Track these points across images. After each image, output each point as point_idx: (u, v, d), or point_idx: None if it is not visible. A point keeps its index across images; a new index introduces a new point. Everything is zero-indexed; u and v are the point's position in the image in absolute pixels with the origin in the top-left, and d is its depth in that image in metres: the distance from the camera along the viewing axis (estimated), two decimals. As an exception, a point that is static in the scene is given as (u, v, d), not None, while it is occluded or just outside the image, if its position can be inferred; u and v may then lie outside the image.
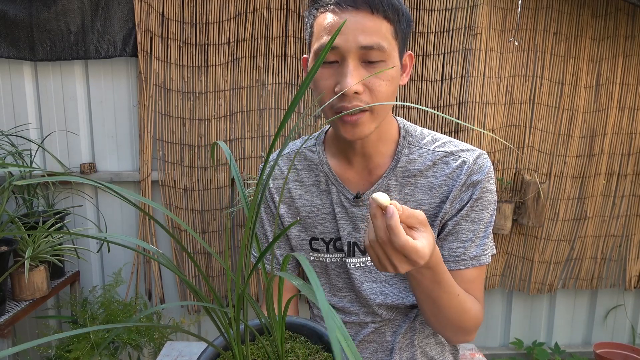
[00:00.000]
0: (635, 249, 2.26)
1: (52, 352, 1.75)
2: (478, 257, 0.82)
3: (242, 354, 0.46)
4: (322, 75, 0.75)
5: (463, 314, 0.77)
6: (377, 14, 0.71)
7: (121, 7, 1.91)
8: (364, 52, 0.71)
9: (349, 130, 0.76)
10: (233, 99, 2.01)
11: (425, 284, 0.72)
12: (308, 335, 0.56)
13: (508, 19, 2.04)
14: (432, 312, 0.78)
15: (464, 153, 0.83)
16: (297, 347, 0.53)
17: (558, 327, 2.40)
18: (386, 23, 0.72)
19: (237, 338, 0.45)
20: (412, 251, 0.59)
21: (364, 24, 0.70)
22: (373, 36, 0.70)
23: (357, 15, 0.70)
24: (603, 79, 2.12)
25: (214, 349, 0.51)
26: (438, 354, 0.93)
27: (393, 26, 0.73)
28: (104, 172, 2.05)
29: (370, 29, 0.70)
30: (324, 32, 0.73)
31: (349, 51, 0.71)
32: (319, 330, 0.56)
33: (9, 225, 1.62)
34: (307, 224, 0.91)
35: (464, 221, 0.82)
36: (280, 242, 0.95)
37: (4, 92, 1.97)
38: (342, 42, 0.71)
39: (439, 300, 0.74)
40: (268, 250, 0.40)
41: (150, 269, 2.08)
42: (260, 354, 0.53)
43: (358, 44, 0.70)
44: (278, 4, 1.94)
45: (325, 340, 0.54)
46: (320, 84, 0.75)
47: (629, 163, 2.18)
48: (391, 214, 0.58)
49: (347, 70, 0.71)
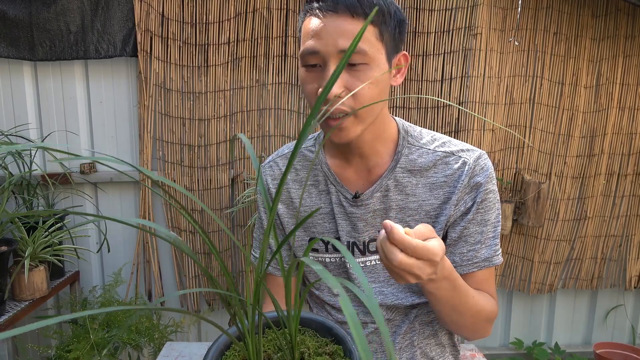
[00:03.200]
0: (635, 249, 2.26)
1: (52, 352, 1.75)
2: (490, 258, 0.83)
3: (255, 345, 0.47)
4: (307, 79, 0.76)
5: (480, 312, 0.79)
6: (358, 17, 0.71)
7: (121, 7, 1.91)
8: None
9: (335, 134, 0.76)
10: (233, 99, 2.01)
11: (444, 295, 0.73)
12: (316, 328, 0.58)
13: (508, 19, 2.04)
14: (451, 319, 0.79)
15: (464, 153, 0.83)
16: (307, 340, 0.55)
17: (558, 327, 2.40)
18: (369, 25, 0.72)
19: (252, 329, 0.46)
20: (425, 251, 0.60)
21: (343, 28, 0.70)
22: (352, 39, 0.71)
23: (337, 20, 0.71)
24: (603, 79, 2.11)
25: (224, 341, 0.53)
26: (438, 355, 0.93)
27: (377, 28, 0.73)
28: (104, 172, 2.05)
29: (350, 32, 0.70)
30: (307, 36, 0.74)
31: (329, 55, 0.71)
32: (328, 324, 0.57)
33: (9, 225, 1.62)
34: (306, 224, 0.91)
35: (471, 225, 0.82)
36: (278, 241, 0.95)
37: (3, 92, 1.97)
38: (322, 46, 0.72)
39: (458, 307, 0.76)
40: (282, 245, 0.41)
41: (150, 269, 2.08)
42: (271, 346, 0.54)
43: (337, 47, 0.71)
44: (278, 4, 1.94)
45: (334, 333, 0.56)
46: (306, 87, 0.77)
47: (629, 163, 2.18)
48: (389, 228, 0.59)
49: (327, 74, 0.72)
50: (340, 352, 0.53)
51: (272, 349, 0.53)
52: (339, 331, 0.55)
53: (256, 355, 0.47)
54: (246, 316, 0.47)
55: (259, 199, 0.99)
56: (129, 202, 2.11)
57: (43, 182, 1.90)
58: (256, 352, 0.47)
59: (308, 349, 0.52)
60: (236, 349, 0.53)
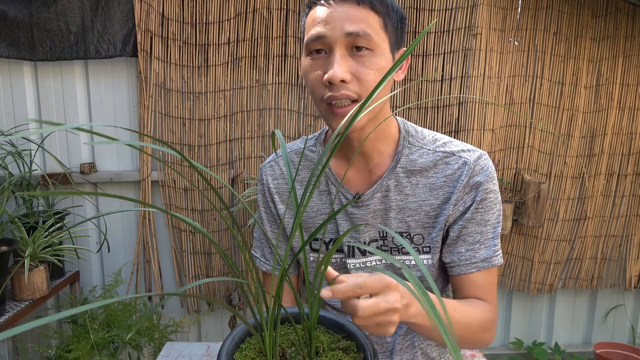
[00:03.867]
0: (635, 249, 2.26)
1: (52, 352, 1.75)
2: (488, 258, 0.82)
3: (272, 338, 0.48)
4: (312, 66, 0.76)
5: (468, 325, 0.77)
6: (364, 5, 0.73)
7: (121, 7, 1.91)
8: (351, 39, 0.72)
9: (340, 122, 0.75)
10: (233, 99, 2.01)
11: (425, 328, 0.69)
12: (328, 326, 0.59)
13: (508, 19, 2.04)
14: (441, 341, 0.79)
15: (465, 153, 0.83)
16: (321, 335, 0.56)
17: (558, 327, 2.40)
18: (373, 14, 0.73)
19: (271, 322, 0.47)
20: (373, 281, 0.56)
21: (350, 13, 0.72)
22: (359, 24, 0.72)
23: (343, 6, 0.73)
24: (603, 79, 2.12)
25: (238, 334, 0.55)
26: (439, 355, 0.93)
27: (382, 18, 0.74)
28: (104, 172, 2.05)
29: (357, 17, 0.72)
30: (313, 24, 0.75)
31: (335, 40, 0.72)
32: (340, 321, 0.58)
33: (9, 225, 1.62)
34: (307, 224, 0.91)
35: (470, 224, 0.81)
36: (280, 242, 0.95)
37: (4, 92, 1.97)
38: (328, 31, 0.72)
39: (456, 333, 0.74)
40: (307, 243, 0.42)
41: (150, 269, 2.08)
42: (285, 340, 0.55)
43: (344, 31, 0.71)
44: (278, 4, 1.94)
45: (346, 329, 0.57)
46: (311, 75, 0.76)
47: (629, 163, 2.18)
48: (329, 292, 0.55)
49: (334, 59, 0.72)
50: (354, 347, 0.54)
51: (286, 343, 0.55)
52: (351, 327, 0.57)
53: (272, 348, 0.48)
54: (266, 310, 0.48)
55: (259, 198, 0.99)
56: (129, 202, 2.11)
57: (43, 182, 1.90)
58: (272, 345, 0.48)
59: (322, 344, 0.54)
60: (251, 342, 0.55)
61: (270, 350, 0.48)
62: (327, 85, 0.73)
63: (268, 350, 0.48)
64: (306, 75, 0.78)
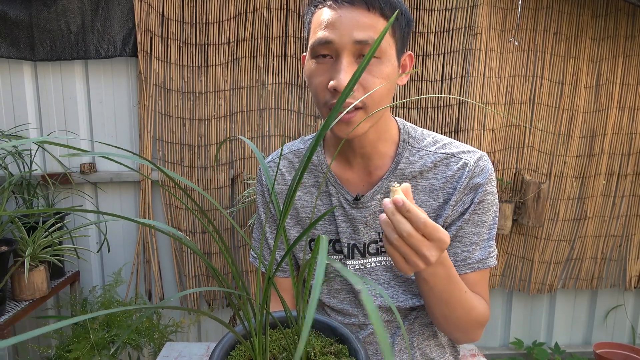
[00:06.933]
0: (635, 249, 2.26)
1: (52, 352, 1.75)
2: (484, 260, 0.82)
3: (261, 345, 0.47)
4: (317, 71, 0.74)
5: (471, 310, 0.78)
6: (374, 10, 0.71)
7: (121, 7, 1.91)
8: (359, 47, 0.71)
9: (343, 129, 0.75)
10: (233, 99, 2.01)
11: (439, 284, 0.72)
12: (320, 328, 0.58)
13: (508, 19, 2.04)
14: (443, 314, 0.78)
15: (465, 155, 0.83)
16: (312, 339, 0.55)
17: (558, 327, 2.40)
18: (383, 20, 0.72)
19: (259, 328, 0.46)
20: (435, 229, 0.60)
21: (359, 20, 0.70)
22: (368, 31, 0.70)
23: (353, 12, 0.70)
24: (603, 79, 2.11)
25: (229, 341, 0.53)
26: (438, 356, 0.93)
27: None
28: (104, 172, 2.05)
29: (366, 24, 0.70)
30: (320, 27, 0.73)
31: (343, 47, 0.71)
32: (332, 324, 0.57)
33: (9, 225, 1.62)
34: (306, 225, 0.91)
35: (467, 225, 0.81)
36: (279, 242, 0.95)
37: (4, 92, 1.97)
38: (336, 37, 0.71)
39: (451, 299, 0.74)
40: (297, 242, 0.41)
41: (150, 269, 2.08)
42: (276, 345, 0.54)
43: (352, 38, 0.70)
44: (278, 4, 1.94)
45: (338, 333, 0.56)
46: (315, 80, 0.75)
47: (629, 163, 2.18)
48: (401, 202, 0.58)
49: (341, 66, 0.71)
50: (346, 351, 0.53)
51: (277, 349, 0.53)
52: (343, 331, 0.55)
53: (262, 354, 0.47)
54: (254, 315, 0.47)
55: (258, 199, 0.99)
56: (129, 202, 2.11)
57: (43, 182, 1.90)
58: (262, 351, 0.47)
59: (313, 348, 0.52)
60: (241, 348, 0.53)
61: (260, 357, 0.47)
62: (332, 91, 0.72)
63: (258, 357, 0.47)
64: (310, 78, 0.76)
